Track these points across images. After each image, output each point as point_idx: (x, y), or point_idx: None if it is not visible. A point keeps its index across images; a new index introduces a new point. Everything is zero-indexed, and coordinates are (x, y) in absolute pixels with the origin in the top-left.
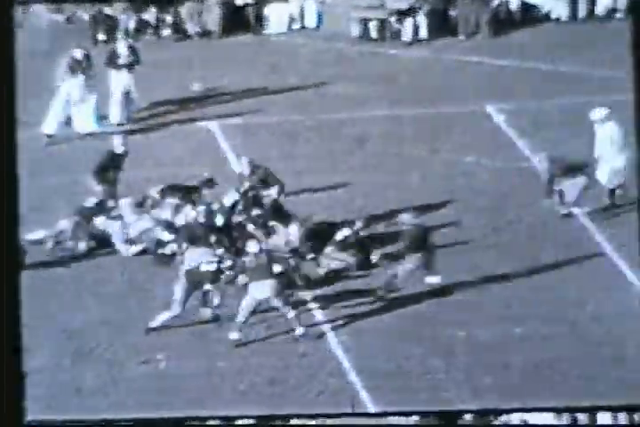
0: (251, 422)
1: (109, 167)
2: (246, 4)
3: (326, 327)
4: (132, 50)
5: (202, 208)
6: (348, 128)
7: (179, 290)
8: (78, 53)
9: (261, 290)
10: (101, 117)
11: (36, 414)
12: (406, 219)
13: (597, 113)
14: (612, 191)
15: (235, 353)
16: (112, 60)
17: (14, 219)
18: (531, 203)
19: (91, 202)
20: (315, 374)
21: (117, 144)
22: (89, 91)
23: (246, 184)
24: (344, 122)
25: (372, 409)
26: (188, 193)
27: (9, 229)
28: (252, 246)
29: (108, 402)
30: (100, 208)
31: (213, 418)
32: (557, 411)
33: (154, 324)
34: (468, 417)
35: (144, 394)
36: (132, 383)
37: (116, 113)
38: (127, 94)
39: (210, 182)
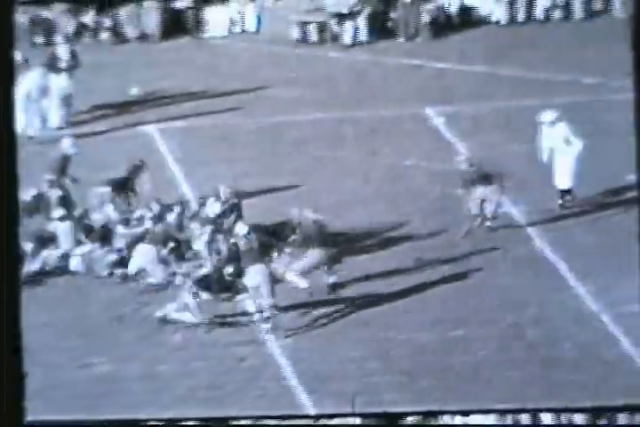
0: (190, 423)
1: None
2: (186, 8)
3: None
4: (73, 53)
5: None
6: (287, 131)
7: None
8: (61, 51)
9: (253, 276)
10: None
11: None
12: (302, 215)
13: (547, 115)
14: (563, 193)
15: (174, 357)
16: (52, 64)
17: (14, 219)
18: (469, 204)
19: (28, 195)
20: (254, 377)
21: (67, 146)
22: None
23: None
24: (284, 125)
25: (312, 412)
26: (121, 184)
27: (9, 229)
28: (241, 228)
29: (47, 405)
30: (38, 201)
31: (153, 420)
32: (499, 412)
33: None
34: (410, 419)
35: (83, 398)
36: (71, 387)
37: (55, 116)
38: (66, 98)
39: (139, 168)
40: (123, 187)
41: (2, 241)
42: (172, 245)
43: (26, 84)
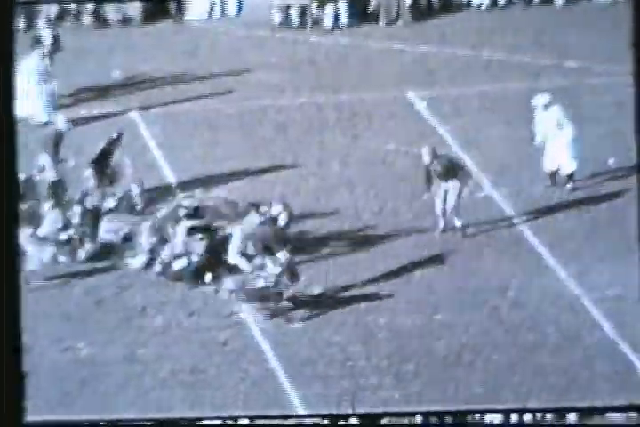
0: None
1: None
2: None
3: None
4: (55, 37)
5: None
6: (269, 115)
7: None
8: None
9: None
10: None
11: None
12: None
13: (541, 99)
14: (553, 174)
15: (155, 341)
16: (34, 48)
17: (14, 219)
18: None
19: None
20: (236, 361)
21: (61, 122)
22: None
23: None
24: (265, 109)
25: (294, 398)
26: (100, 158)
27: (9, 229)
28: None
29: (28, 389)
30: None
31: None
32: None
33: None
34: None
35: (65, 381)
36: (52, 371)
37: (34, 100)
38: (46, 81)
39: (117, 140)
40: (102, 160)
41: (2, 241)
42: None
43: (25, 69)
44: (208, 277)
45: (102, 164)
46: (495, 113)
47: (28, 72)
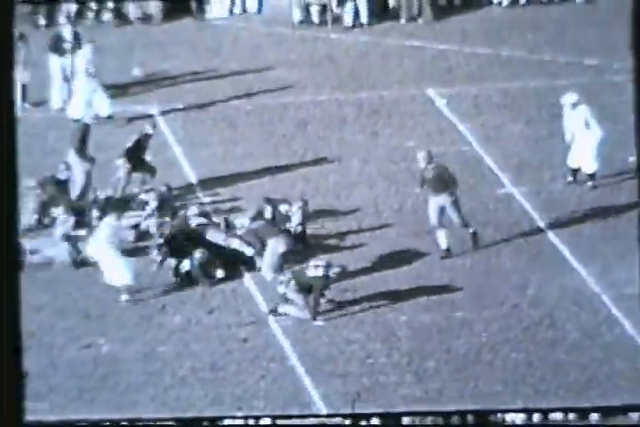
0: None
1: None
2: None
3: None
4: (76, 35)
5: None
6: (289, 113)
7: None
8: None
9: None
10: (42, 102)
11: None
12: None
13: (569, 97)
14: (575, 171)
15: (175, 338)
16: (56, 45)
17: (14, 219)
18: (471, 186)
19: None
20: (256, 358)
21: (88, 115)
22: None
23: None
24: (285, 106)
25: (315, 395)
26: (133, 150)
27: (9, 229)
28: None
29: (48, 387)
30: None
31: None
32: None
33: None
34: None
35: (84, 378)
36: (72, 368)
37: (57, 98)
38: (68, 79)
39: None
40: (135, 152)
41: (2, 240)
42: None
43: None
44: (219, 273)
45: (135, 155)
46: (515, 110)
47: (75, 69)
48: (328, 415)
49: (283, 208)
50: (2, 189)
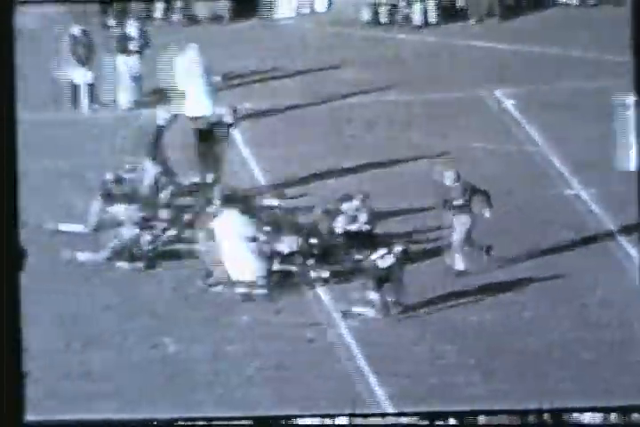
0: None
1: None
2: None
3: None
4: (143, 34)
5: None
6: (356, 113)
7: None
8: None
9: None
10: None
11: (36, 413)
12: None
13: (622, 98)
14: None
15: (243, 338)
16: (122, 45)
17: (14, 218)
18: (538, 187)
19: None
20: (322, 359)
21: (160, 117)
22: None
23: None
24: (353, 107)
25: (382, 395)
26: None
27: (9, 229)
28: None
29: (115, 387)
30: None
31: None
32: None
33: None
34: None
35: (153, 378)
36: (140, 368)
37: (124, 97)
38: (137, 79)
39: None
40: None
41: (2, 241)
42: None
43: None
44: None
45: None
46: (584, 111)
47: (182, 68)
48: (402, 414)
49: (346, 206)
50: (2, 190)
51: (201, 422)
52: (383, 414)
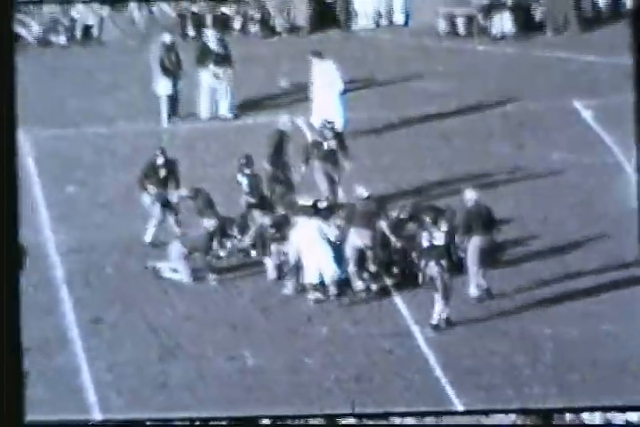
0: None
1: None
2: (334, 0)
3: (411, 323)
4: (224, 46)
5: None
6: (434, 124)
7: None
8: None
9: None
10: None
11: (36, 414)
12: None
13: None
14: None
15: (321, 349)
16: (204, 57)
17: (14, 218)
18: (618, 198)
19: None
20: (401, 370)
21: (283, 122)
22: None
23: None
24: (431, 118)
25: (458, 406)
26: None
27: (9, 229)
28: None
29: (194, 398)
30: None
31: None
32: None
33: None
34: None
35: (231, 390)
36: (219, 379)
37: (205, 109)
38: (215, 91)
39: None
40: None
41: (2, 241)
42: None
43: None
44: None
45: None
46: None
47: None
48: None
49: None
50: (2, 189)
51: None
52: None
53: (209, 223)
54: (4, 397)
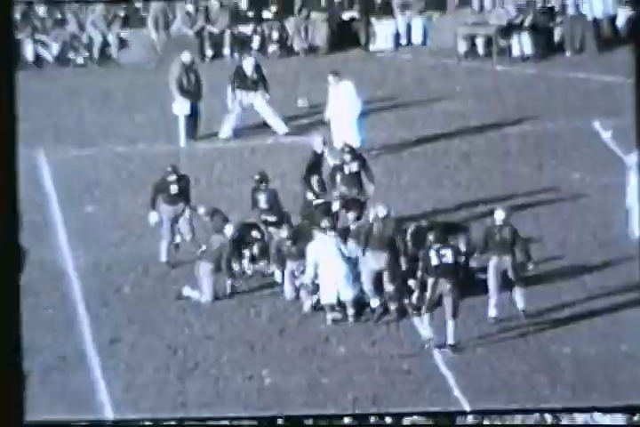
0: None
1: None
2: (353, 19)
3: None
4: (258, 68)
5: None
6: (453, 144)
7: None
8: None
9: (377, 261)
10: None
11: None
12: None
13: None
14: None
15: (339, 369)
16: (238, 78)
17: (14, 218)
18: (638, 219)
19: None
20: (419, 390)
21: (318, 143)
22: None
23: None
24: (449, 138)
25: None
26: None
27: (9, 229)
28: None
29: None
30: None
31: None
32: None
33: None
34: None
35: (249, 409)
36: (236, 399)
37: (227, 128)
38: (243, 112)
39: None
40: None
41: (3, 241)
42: None
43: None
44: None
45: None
46: None
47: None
48: None
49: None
50: (2, 189)
51: None
52: None
53: (228, 230)
54: (3, 397)
